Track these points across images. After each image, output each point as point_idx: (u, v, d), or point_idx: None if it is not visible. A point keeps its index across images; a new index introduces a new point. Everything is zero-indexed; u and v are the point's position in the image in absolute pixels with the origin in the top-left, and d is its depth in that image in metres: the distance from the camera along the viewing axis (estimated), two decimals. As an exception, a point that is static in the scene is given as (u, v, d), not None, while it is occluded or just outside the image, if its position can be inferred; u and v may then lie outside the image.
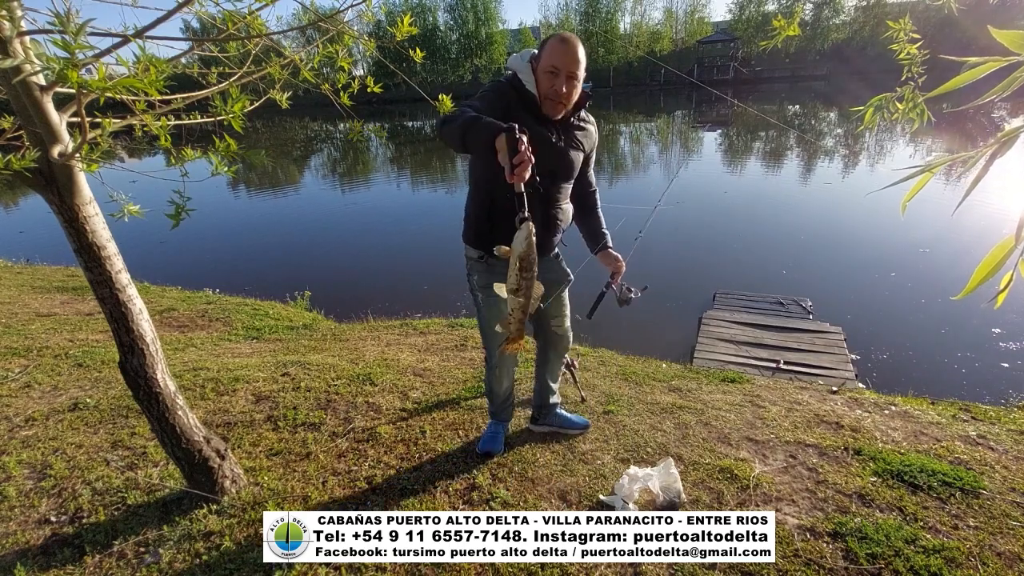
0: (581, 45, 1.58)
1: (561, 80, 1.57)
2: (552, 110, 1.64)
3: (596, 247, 2.04)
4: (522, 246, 1.19)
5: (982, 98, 0.59)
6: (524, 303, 1.28)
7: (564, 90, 1.58)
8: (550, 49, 1.57)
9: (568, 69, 1.56)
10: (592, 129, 1.83)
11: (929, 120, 1.58)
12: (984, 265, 0.51)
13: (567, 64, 1.56)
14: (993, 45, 0.53)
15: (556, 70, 1.56)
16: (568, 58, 1.55)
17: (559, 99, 1.60)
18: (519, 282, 1.23)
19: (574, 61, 1.56)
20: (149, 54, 1.12)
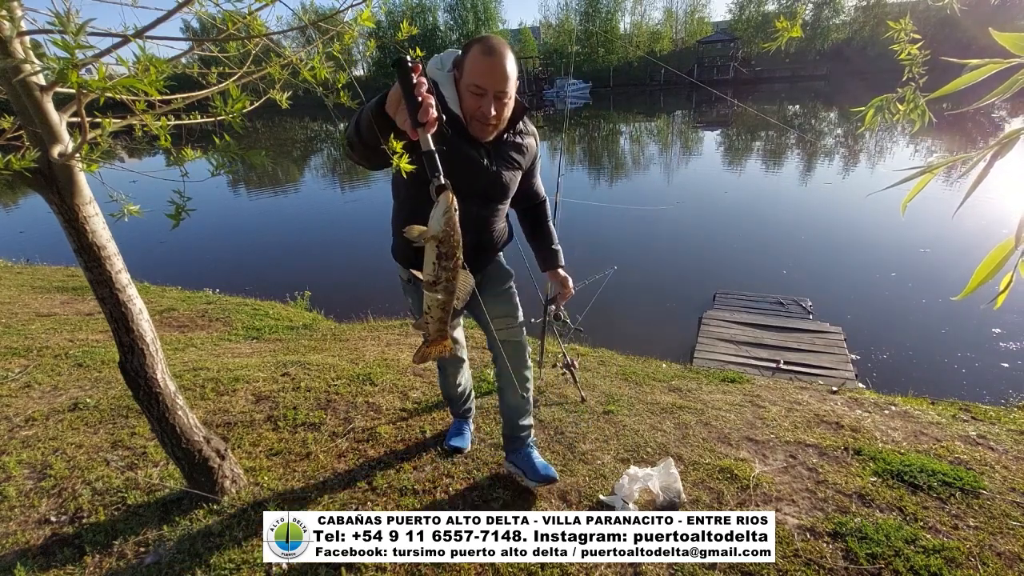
0: (510, 56, 1.31)
1: (488, 101, 1.32)
2: (480, 132, 1.41)
3: (545, 264, 1.86)
4: (439, 225, 0.94)
5: (982, 100, 0.59)
6: (445, 299, 1.05)
7: (492, 112, 1.34)
8: (472, 63, 1.30)
9: (495, 88, 1.31)
10: (531, 142, 1.61)
11: (930, 121, 1.57)
12: (984, 266, 0.51)
13: (493, 84, 1.30)
14: (993, 45, 0.53)
15: (481, 91, 1.31)
16: (494, 77, 1.29)
17: (487, 122, 1.36)
18: (437, 272, 0.99)
19: (501, 79, 1.30)
20: (149, 54, 1.12)
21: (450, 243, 0.96)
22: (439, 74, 1.39)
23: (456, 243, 0.97)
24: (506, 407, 1.92)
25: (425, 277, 1.01)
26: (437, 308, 1.07)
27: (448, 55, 1.42)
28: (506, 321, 1.79)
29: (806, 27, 39.04)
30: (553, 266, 1.86)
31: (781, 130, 17.70)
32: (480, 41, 1.32)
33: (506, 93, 1.33)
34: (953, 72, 0.54)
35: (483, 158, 1.46)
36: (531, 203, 1.80)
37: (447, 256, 0.97)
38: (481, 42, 1.31)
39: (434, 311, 1.08)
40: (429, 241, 0.96)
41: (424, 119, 0.93)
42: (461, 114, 1.39)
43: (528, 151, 1.61)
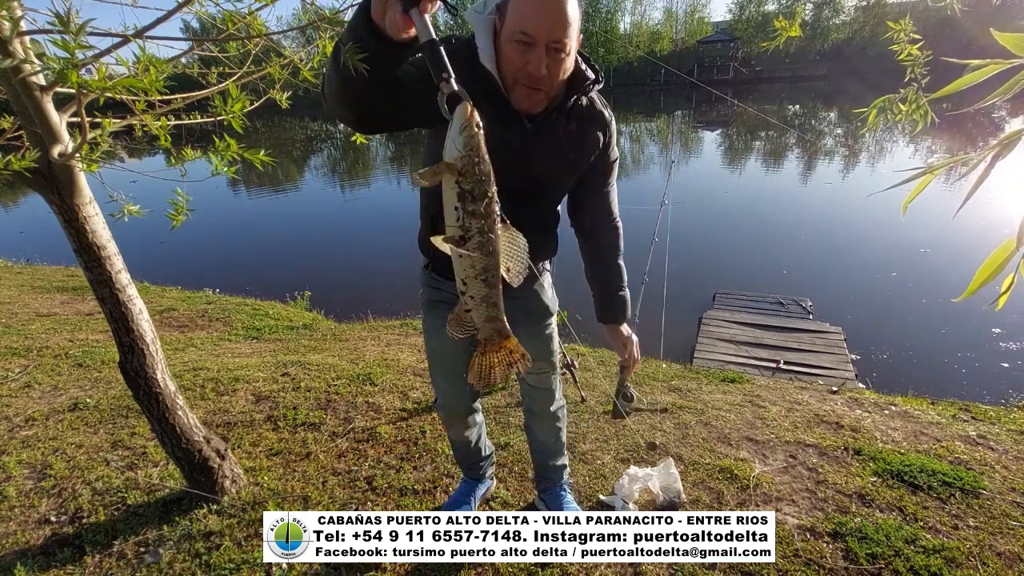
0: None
1: (538, 55, 0.95)
2: (525, 101, 1.04)
3: (603, 315, 1.42)
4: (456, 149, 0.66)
5: (983, 101, 0.59)
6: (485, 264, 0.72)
7: (543, 70, 0.97)
8: (517, 2, 0.95)
9: (550, 36, 0.94)
10: (596, 132, 1.19)
11: (933, 122, 1.57)
12: (985, 267, 0.51)
13: (545, 30, 0.94)
14: (993, 46, 0.53)
15: (529, 39, 0.95)
16: (547, 19, 0.93)
17: (535, 84, 1.00)
18: (464, 221, 0.69)
19: (557, 23, 0.94)
20: (149, 54, 1.12)
21: (476, 175, 0.67)
22: (477, 19, 1.04)
23: (485, 175, 0.68)
24: (535, 444, 1.71)
25: (449, 230, 0.71)
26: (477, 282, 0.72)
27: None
28: (540, 366, 1.48)
29: (806, 27, 39.05)
30: (614, 319, 1.41)
31: (781, 130, 17.71)
32: None
33: (564, 44, 0.96)
34: (953, 72, 0.54)
35: (517, 138, 1.08)
36: (595, 225, 1.34)
37: (474, 196, 0.68)
38: None
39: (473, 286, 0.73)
40: (444, 175, 0.67)
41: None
42: (498, 76, 1.03)
43: (589, 143, 1.18)
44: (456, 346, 1.41)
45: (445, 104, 0.69)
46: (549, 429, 1.65)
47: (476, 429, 1.69)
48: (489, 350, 0.84)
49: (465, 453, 1.74)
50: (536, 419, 1.64)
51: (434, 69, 0.70)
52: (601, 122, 1.19)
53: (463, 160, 0.67)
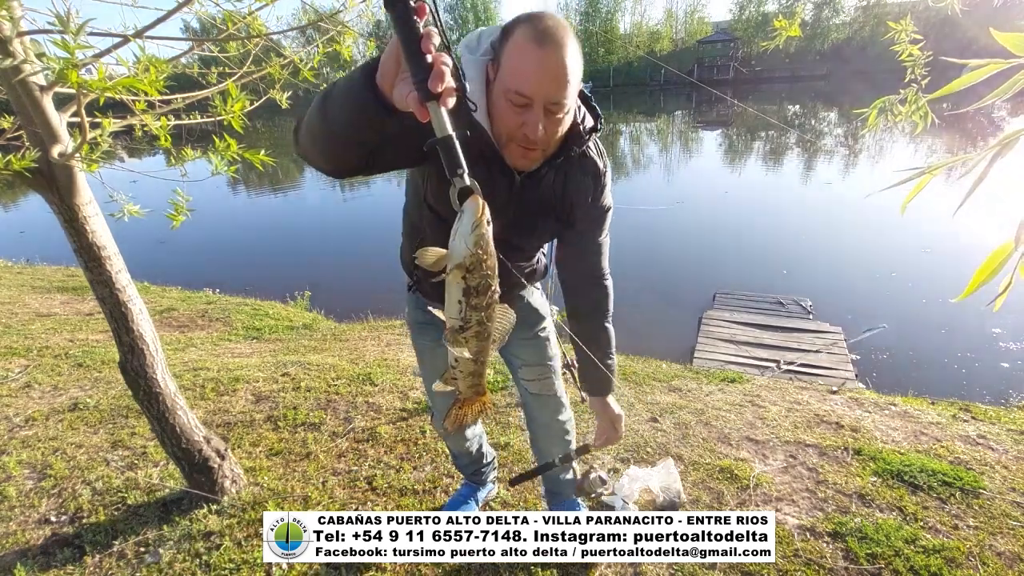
0: (573, 44, 0.86)
1: (534, 117, 0.88)
2: (520, 161, 0.98)
3: (590, 387, 1.33)
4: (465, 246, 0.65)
5: (983, 100, 0.59)
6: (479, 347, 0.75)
7: (540, 133, 0.90)
8: (515, 56, 0.86)
9: (549, 97, 0.87)
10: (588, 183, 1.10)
11: (932, 122, 1.58)
12: (984, 268, 0.51)
13: (544, 91, 0.86)
14: (993, 46, 0.53)
15: (526, 100, 0.87)
16: (547, 80, 0.85)
17: (531, 145, 0.93)
18: (465, 314, 0.70)
19: (557, 83, 0.86)
20: (149, 54, 1.12)
21: (481, 272, 0.67)
22: (469, 60, 0.95)
23: (490, 271, 0.68)
24: (539, 455, 1.63)
25: (449, 321, 0.72)
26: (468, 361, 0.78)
27: (488, 31, 0.98)
28: (538, 371, 1.41)
29: (806, 27, 39.08)
30: (599, 392, 1.33)
31: (781, 130, 17.71)
32: (529, 21, 0.86)
33: (562, 105, 0.89)
34: (954, 72, 0.54)
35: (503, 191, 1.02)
36: (580, 282, 1.24)
37: (478, 291, 0.68)
38: (530, 22, 0.85)
39: (463, 364, 0.79)
40: (452, 272, 0.67)
41: (437, 87, 0.60)
42: (490, 129, 0.95)
43: (580, 194, 1.10)
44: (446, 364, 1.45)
45: (455, 195, 0.66)
46: (559, 443, 1.55)
47: (476, 439, 1.66)
48: (466, 404, 0.88)
49: (467, 461, 1.73)
50: (544, 431, 1.54)
51: (448, 164, 0.66)
52: (594, 173, 1.11)
53: (472, 258, 0.65)
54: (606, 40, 43.81)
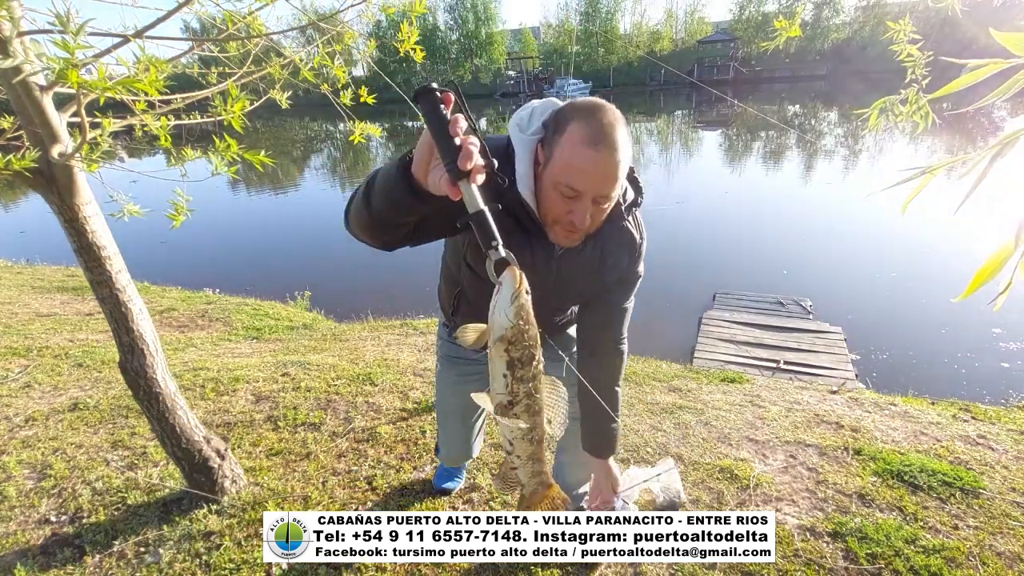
0: (624, 141, 0.89)
1: (582, 207, 0.92)
2: (564, 240, 1.01)
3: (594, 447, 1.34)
4: (506, 319, 0.65)
5: (983, 100, 0.59)
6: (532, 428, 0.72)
7: (586, 223, 0.94)
8: (568, 151, 0.88)
9: (598, 192, 0.91)
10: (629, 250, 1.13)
11: (933, 122, 1.57)
12: (984, 268, 0.51)
13: (594, 187, 0.90)
14: (992, 46, 0.53)
15: (574, 194, 0.90)
16: (597, 178, 0.89)
17: (574, 230, 0.97)
18: (512, 388, 0.69)
19: (607, 181, 0.90)
20: (149, 54, 1.12)
21: (524, 343, 0.65)
22: (520, 138, 0.98)
23: (533, 342, 0.67)
24: (562, 479, 1.59)
25: (496, 397, 0.70)
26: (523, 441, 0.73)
27: (540, 109, 1.00)
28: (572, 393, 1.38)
29: (806, 27, 39.10)
30: (600, 454, 1.34)
31: (781, 130, 17.71)
32: (585, 114, 0.88)
33: (610, 198, 0.94)
34: (953, 72, 0.54)
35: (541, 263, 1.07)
36: (599, 344, 1.25)
37: (523, 362, 0.67)
38: (586, 118, 0.88)
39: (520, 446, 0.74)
40: (495, 346, 0.66)
41: (466, 165, 0.63)
42: (536, 208, 0.98)
43: (615, 266, 1.14)
44: (467, 408, 1.53)
45: (491, 267, 0.68)
46: (582, 469, 1.55)
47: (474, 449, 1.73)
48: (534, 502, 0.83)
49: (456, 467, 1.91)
50: (571, 457, 1.53)
51: (482, 238, 0.67)
52: (630, 247, 1.14)
53: (513, 330, 0.65)
54: (606, 40, 43.80)
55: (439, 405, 1.59)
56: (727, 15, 44.49)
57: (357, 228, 0.90)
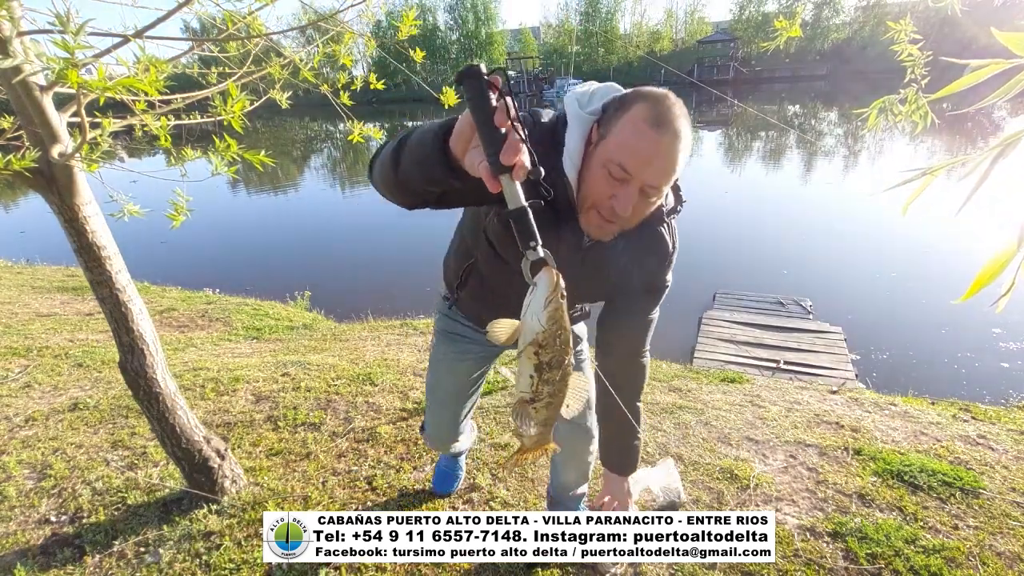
0: (686, 132, 0.85)
1: (628, 194, 0.86)
2: (596, 230, 0.95)
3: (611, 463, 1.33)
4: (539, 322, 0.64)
5: (984, 101, 0.59)
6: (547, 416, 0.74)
7: (628, 212, 0.88)
8: (628, 130, 0.84)
9: (650, 180, 0.86)
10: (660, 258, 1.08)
11: (932, 122, 1.57)
12: (986, 270, 0.50)
13: (648, 174, 0.85)
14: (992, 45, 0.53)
15: (626, 176, 0.85)
16: (654, 164, 0.84)
17: (613, 219, 0.90)
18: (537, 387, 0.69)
19: (664, 171, 0.85)
20: (149, 54, 1.12)
21: (555, 347, 0.65)
22: (578, 114, 0.93)
23: (564, 346, 0.66)
24: (559, 481, 1.61)
25: (519, 393, 0.71)
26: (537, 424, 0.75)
27: (603, 91, 0.95)
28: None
29: (806, 27, 39.10)
30: (620, 471, 1.32)
31: (781, 130, 17.71)
32: (650, 99, 0.85)
33: (660, 191, 0.89)
34: (954, 72, 0.54)
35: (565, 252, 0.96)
36: (623, 358, 1.19)
37: (551, 366, 0.66)
38: (652, 100, 0.84)
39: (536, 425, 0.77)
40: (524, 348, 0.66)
41: (510, 160, 0.60)
42: (575, 185, 0.93)
43: (643, 273, 1.08)
44: (460, 387, 1.48)
45: (527, 268, 0.66)
46: (578, 470, 1.54)
47: (461, 443, 1.69)
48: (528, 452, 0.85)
49: (448, 460, 1.89)
50: (568, 460, 1.51)
51: (520, 235, 0.65)
52: (662, 255, 1.07)
53: (545, 334, 0.64)
54: (606, 40, 43.82)
55: (431, 382, 1.51)
56: (727, 15, 44.51)
57: (381, 184, 0.87)
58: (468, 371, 1.44)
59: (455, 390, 1.49)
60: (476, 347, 1.39)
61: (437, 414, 1.54)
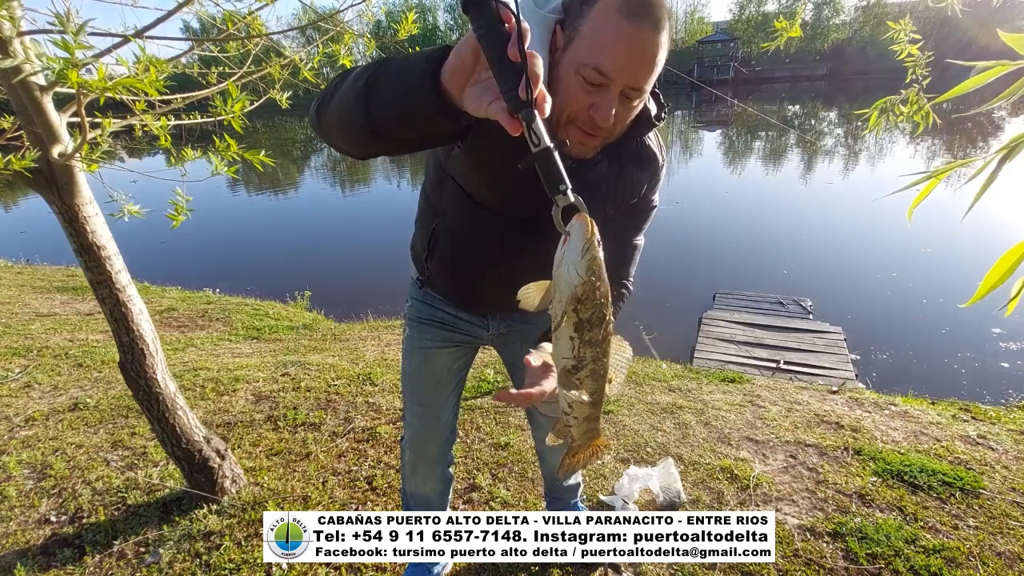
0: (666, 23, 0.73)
1: (608, 99, 0.75)
2: (577, 147, 0.84)
3: None
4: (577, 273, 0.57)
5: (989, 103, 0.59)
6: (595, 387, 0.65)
7: (610, 120, 0.77)
8: (603, 27, 0.72)
9: (632, 81, 0.75)
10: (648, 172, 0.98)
11: (934, 123, 1.57)
12: (993, 272, 0.50)
13: (627, 73, 0.73)
14: (992, 46, 0.53)
15: (604, 80, 0.73)
16: (634, 61, 0.73)
17: (594, 131, 0.80)
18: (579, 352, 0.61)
19: (643, 67, 0.74)
20: (149, 54, 1.12)
21: (595, 301, 0.58)
22: (535, 15, 0.78)
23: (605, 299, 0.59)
24: (546, 470, 1.61)
25: (560, 362, 0.63)
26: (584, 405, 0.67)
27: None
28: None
29: (806, 27, 39.08)
30: None
31: (781, 130, 17.71)
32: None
33: (642, 91, 0.77)
34: (952, 72, 0.54)
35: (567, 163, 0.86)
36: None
37: (591, 323, 0.59)
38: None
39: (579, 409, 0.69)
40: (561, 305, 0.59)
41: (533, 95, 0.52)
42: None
43: (630, 188, 0.98)
44: (442, 371, 1.28)
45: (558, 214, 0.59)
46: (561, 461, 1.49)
47: (441, 484, 1.44)
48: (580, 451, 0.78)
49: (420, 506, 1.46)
50: (552, 449, 1.46)
51: (548, 180, 0.57)
52: (650, 167, 0.98)
53: (584, 287, 0.57)
54: (606, 40, 43.76)
55: (406, 381, 1.31)
56: (727, 15, 44.51)
57: (336, 129, 0.73)
58: (446, 362, 1.27)
59: (436, 386, 1.30)
60: (453, 333, 1.23)
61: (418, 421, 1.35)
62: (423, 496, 1.46)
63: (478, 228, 1.00)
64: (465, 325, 1.21)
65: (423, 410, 1.33)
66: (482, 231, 0.99)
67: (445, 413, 1.34)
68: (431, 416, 1.33)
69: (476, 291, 1.12)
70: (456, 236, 1.05)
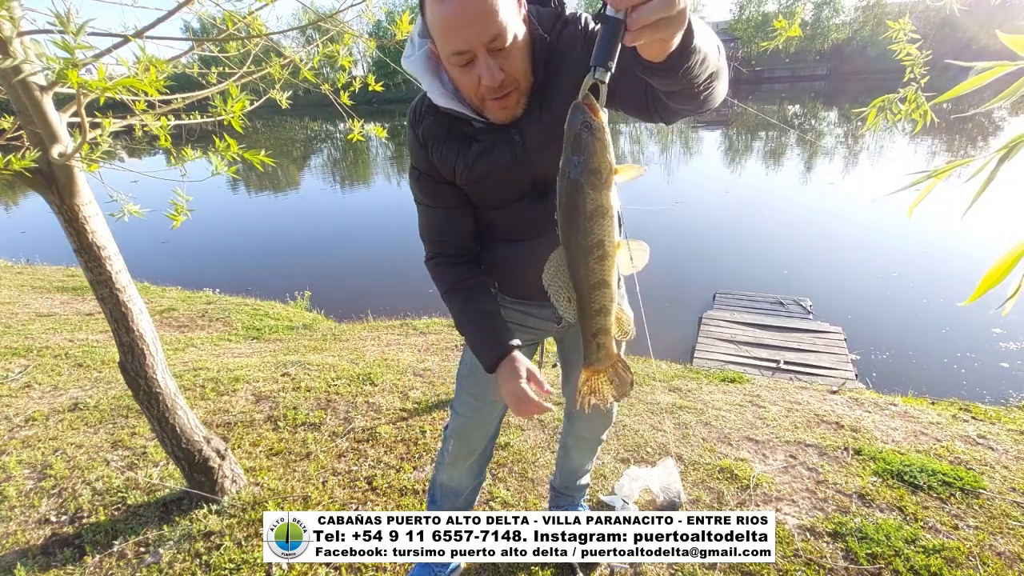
0: None
1: (484, 65, 0.82)
2: (503, 113, 0.91)
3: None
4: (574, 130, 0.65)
5: (987, 104, 0.59)
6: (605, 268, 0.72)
7: (500, 76, 0.83)
8: (431, 19, 0.80)
9: (482, 38, 0.79)
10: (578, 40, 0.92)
11: (932, 121, 1.57)
12: (992, 272, 0.50)
13: (470, 36, 0.78)
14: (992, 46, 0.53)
15: (465, 55, 0.81)
16: (464, 23, 0.77)
17: (502, 92, 0.87)
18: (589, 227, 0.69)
19: (479, 22, 0.77)
20: (149, 54, 1.12)
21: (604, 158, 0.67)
22: (413, 64, 0.90)
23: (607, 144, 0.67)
24: (568, 465, 1.61)
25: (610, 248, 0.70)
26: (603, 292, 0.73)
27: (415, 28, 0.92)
28: None
29: (806, 27, 39.08)
30: None
31: (781, 130, 17.70)
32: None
33: (502, 38, 0.80)
34: (951, 72, 0.54)
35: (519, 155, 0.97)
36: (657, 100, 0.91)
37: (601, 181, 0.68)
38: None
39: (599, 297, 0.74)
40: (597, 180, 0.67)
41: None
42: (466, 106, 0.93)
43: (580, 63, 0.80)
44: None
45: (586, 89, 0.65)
46: (589, 452, 1.58)
47: (476, 480, 1.47)
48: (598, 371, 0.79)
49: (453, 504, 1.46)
50: (581, 443, 1.54)
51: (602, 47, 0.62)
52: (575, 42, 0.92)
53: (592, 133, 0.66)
54: (606, 40, 43.72)
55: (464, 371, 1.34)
56: (727, 15, 44.49)
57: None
58: None
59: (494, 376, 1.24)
60: (522, 332, 1.28)
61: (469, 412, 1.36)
62: (454, 488, 1.46)
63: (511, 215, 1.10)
64: (535, 321, 1.27)
65: (476, 403, 1.34)
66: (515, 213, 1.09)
67: (497, 407, 1.37)
68: (484, 410, 1.35)
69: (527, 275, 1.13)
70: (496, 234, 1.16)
